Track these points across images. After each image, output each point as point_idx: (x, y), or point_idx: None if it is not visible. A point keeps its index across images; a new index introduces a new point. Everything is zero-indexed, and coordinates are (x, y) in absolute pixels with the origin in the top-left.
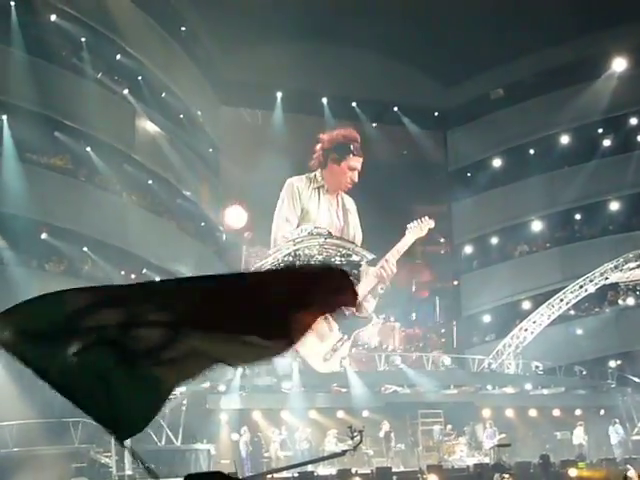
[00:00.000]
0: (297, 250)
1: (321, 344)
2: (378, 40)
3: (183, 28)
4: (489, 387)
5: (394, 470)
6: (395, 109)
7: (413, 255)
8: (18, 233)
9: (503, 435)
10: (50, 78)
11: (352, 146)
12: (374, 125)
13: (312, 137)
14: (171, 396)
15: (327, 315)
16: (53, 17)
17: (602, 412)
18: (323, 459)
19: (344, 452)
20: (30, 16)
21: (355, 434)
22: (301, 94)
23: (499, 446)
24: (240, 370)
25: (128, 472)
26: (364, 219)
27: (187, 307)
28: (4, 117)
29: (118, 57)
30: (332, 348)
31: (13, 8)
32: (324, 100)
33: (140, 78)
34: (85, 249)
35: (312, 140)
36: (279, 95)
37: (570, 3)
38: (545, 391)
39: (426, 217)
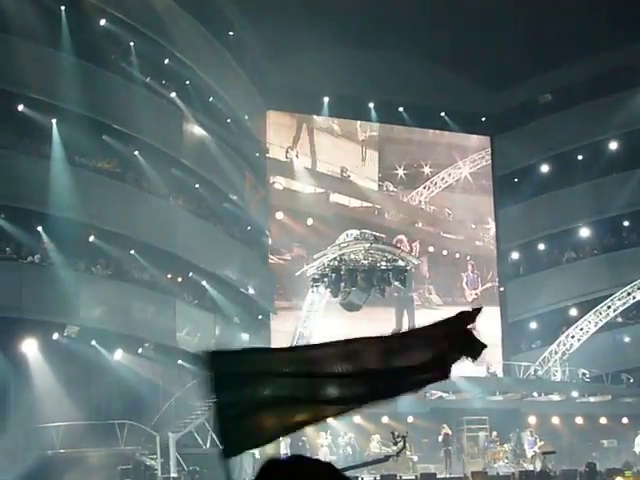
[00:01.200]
0: (343, 255)
1: None
2: (426, 45)
3: (231, 33)
4: (535, 394)
5: (439, 476)
6: (442, 114)
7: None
8: (66, 236)
9: (542, 443)
10: (99, 82)
11: None
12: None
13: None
14: None
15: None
16: (103, 21)
17: None
18: (366, 464)
19: (387, 457)
20: (80, 20)
21: (398, 440)
22: (348, 99)
23: (544, 453)
24: None
25: (173, 475)
26: None
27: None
28: (54, 120)
29: (166, 61)
30: None
31: (63, 12)
32: (371, 105)
33: (188, 82)
34: (132, 252)
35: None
36: (326, 100)
37: (620, 10)
38: (592, 399)
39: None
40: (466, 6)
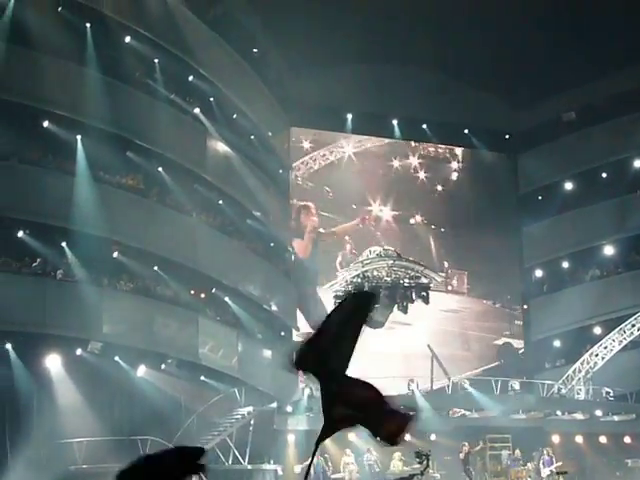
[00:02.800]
0: (366, 271)
1: None
2: (451, 62)
3: (255, 50)
4: (558, 413)
5: None
6: (465, 131)
7: None
8: (90, 251)
9: (560, 463)
10: (123, 98)
11: None
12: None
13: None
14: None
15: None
16: (127, 38)
17: None
18: None
19: (412, 477)
20: (105, 37)
21: (422, 459)
22: (371, 116)
23: (559, 473)
24: (307, 391)
25: None
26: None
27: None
28: (78, 137)
29: (190, 78)
30: None
31: (88, 29)
32: (394, 121)
33: (212, 99)
34: (155, 268)
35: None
36: (349, 117)
37: None
38: (616, 418)
39: None
40: (491, 23)
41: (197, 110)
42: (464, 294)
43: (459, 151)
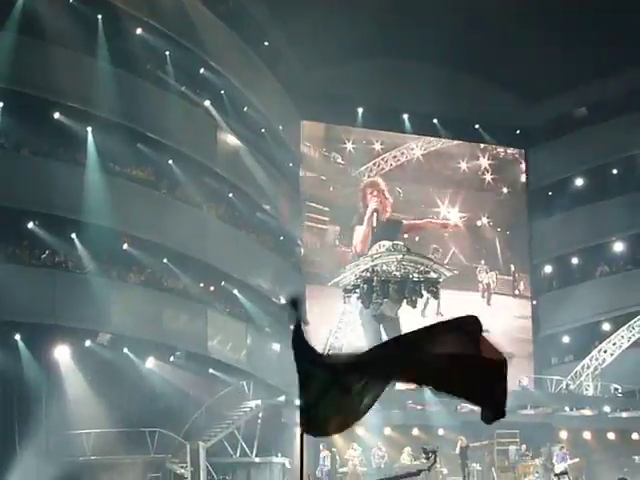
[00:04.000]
0: (375, 266)
1: None
2: (462, 57)
3: (266, 43)
4: (567, 408)
5: None
6: (476, 126)
7: None
8: (100, 243)
9: (577, 460)
10: (134, 91)
11: None
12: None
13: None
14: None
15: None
16: (139, 30)
17: None
18: (397, 478)
19: (419, 472)
20: (116, 29)
21: (430, 455)
22: (382, 109)
23: (557, 475)
24: None
25: None
26: None
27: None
28: (89, 128)
29: (201, 71)
30: None
31: (100, 21)
32: (405, 116)
33: (222, 92)
34: (165, 261)
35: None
36: (360, 110)
37: None
38: (624, 414)
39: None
40: (501, 19)
41: (208, 103)
42: (523, 297)
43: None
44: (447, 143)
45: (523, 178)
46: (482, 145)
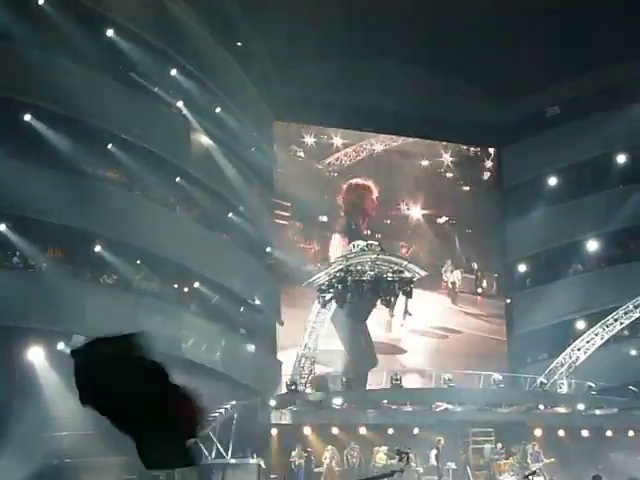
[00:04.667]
0: (349, 266)
1: None
2: (434, 56)
3: (239, 43)
4: (541, 407)
5: None
6: (449, 125)
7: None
8: (72, 245)
9: (551, 460)
10: (106, 91)
11: None
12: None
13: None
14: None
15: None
16: (110, 32)
17: None
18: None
19: (393, 473)
20: (86, 29)
21: (402, 456)
22: (355, 109)
23: (526, 476)
24: (291, 386)
25: None
26: None
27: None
28: (59, 130)
29: (173, 71)
30: None
31: (69, 20)
32: (377, 115)
33: (195, 92)
34: (138, 262)
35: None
36: (333, 111)
37: (629, 21)
38: (598, 411)
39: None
40: (474, 18)
41: (180, 103)
42: (494, 297)
43: (492, 150)
44: (408, 140)
45: (486, 176)
46: (444, 143)
